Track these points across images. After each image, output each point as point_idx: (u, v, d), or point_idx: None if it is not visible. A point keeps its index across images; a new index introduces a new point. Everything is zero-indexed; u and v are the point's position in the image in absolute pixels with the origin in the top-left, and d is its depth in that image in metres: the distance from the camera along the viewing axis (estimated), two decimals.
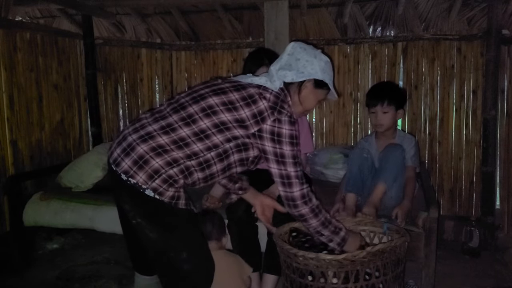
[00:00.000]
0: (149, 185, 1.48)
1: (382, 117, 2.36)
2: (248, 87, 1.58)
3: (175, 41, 3.89)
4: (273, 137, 1.54)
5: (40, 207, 2.74)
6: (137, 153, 1.48)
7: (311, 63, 1.66)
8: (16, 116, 2.92)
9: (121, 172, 1.49)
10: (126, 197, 1.55)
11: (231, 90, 1.56)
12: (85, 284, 2.57)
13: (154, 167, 1.47)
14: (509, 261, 2.80)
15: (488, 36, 3.01)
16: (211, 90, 1.57)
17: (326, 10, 3.44)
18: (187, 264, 1.57)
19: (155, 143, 1.49)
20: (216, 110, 1.51)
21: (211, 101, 1.53)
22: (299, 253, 1.62)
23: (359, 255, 1.57)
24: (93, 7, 3.36)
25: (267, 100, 1.55)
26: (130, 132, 1.55)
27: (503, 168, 3.18)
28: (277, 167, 1.56)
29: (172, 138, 1.49)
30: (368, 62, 3.43)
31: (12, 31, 2.88)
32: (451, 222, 3.22)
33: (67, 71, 3.44)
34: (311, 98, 1.71)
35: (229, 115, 1.51)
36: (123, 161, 1.49)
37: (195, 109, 1.52)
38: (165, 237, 1.55)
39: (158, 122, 1.53)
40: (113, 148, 1.56)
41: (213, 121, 1.51)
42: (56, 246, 3.10)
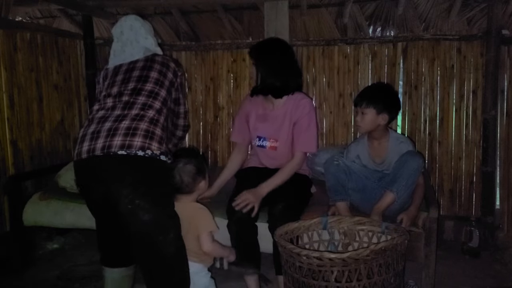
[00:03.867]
0: (162, 149, 1.69)
1: (361, 118, 2.32)
2: (156, 60, 1.93)
3: (175, 41, 3.89)
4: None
5: (40, 207, 2.75)
6: (142, 129, 1.66)
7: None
8: (16, 116, 2.92)
9: (137, 150, 1.61)
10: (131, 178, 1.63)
11: (152, 67, 1.89)
12: (85, 284, 2.57)
13: (159, 134, 1.71)
14: (509, 261, 2.80)
15: (488, 36, 3.02)
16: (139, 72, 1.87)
17: (326, 10, 3.44)
18: (172, 246, 1.67)
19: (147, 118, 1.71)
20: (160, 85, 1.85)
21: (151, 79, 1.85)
22: (303, 252, 1.62)
23: (363, 253, 1.57)
24: (93, 7, 3.36)
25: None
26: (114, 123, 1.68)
27: (503, 168, 3.18)
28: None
29: (154, 112, 1.75)
30: (368, 62, 3.43)
31: (12, 31, 2.88)
32: (451, 222, 3.22)
33: (67, 71, 3.45)
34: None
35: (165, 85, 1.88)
36: (133, 141, 1.62)
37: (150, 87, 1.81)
38: (158, 216, 1.64)
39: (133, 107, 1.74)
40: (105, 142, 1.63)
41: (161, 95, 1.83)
42: (56, 246, 3.10)
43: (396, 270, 1.71)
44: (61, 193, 2.82)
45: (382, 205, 2.19)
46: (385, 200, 2.19)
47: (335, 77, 3.49)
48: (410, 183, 2.21)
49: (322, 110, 3.56)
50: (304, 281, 1.66)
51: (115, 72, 1.90)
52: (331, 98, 3.52)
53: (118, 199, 1.61)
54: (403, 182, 2.18)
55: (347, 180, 2.32)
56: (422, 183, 2.33)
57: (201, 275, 1.89)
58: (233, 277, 1.96)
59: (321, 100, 3.55)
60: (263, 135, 2.41)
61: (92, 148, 1.64)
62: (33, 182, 3.05)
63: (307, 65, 3.51)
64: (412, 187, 2.24)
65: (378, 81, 3.39)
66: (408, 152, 2.28)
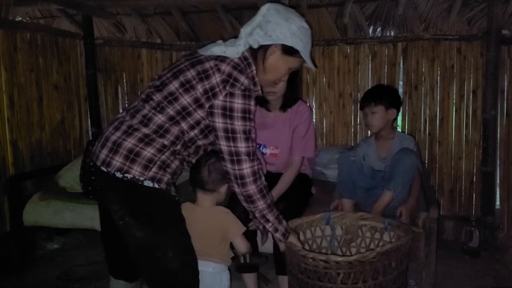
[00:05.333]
0: (146, 175, 1.45)
1: (371, 117, 2.40)
2: (205, 61, 1.50)
3: (175, 41, 3.89)
4: (224, 112, 1.46)
5: (40, 207, 2.75)
6: (125, 148, 1.44)
7: (281, 26, 1.52)
8: (16, 117, 2.92)
9: (115, 171, 1.44)
10: (116, 196, 1.49)
11: (188, 68, 1.51)
12: (85, 284, 2.57)
13: (147, 157, 1.45)
14: (509, 261, 2.80)
15: (488, 36, 3.02)
16: (172, 75, 1.53)
17: (326, 10, 3.44)
18: (173, 262, 1.51)
19: (140, 134, 1.46)
20: (176, 96, 1.48)
21: (171, 87, 1.49)
22: (309, 254, 1.60)
23: (369, 255, 1.56)
24: (94, 7, 3.36)
25: (221, 73, 1.46)
26: (111, 131, 1.51)
27: (503, 168, 3.18)
28: (225, 144, 1.48)
29: (153, 128, 1.47)
30: (368, 63, 3.43)
31: (12, 31, 2.88)
32: (451, 222, 3.22)
33: (67, 71, 3.45)
34: (279, 66, 1.58)
35: (188, 97, 1.47)
36: (113, 160, 1.45)
37: (159, 97, 1.50)
38: (152, 235, 1.49)
39: (135, 116, 1.50)
40: (98, 151, 1.51)
41: (176, 108, 1.47)
42: (56, 246, 3.10)
43: (400, 270, 1.71)
44: (61, 193, 2.83)
45: (381, 204, 2.20)
46: (384, 199, 2.21)
47: (335, 77, 3.49)
48: (407, 180, 2.23)
49: (322, 110, 3.56)
50: (309, 282, 1.65)
51: (171, 64, 1.66)
52: (331, 98, 3.52)
53: (113, 213, 1.51)
54: (399, 179, 2.21)
55: (358, 178, 2.34)
56: (416, 176, 2.35)
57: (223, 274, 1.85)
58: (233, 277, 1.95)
59: (321, 100, 3.55)
60: (263, 143, 2.42)
61: (94, 153, 1.55)
62: (33, 182, 3.05)
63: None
64: (409, 183, 2.26)
65: (378, 81, 3.40)
66: (402, 149, 2.31)
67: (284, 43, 1.53)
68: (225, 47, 1.52)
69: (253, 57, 1.55)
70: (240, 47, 1.52)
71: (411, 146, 2.39)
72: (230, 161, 1.50)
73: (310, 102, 3.57)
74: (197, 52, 1.59)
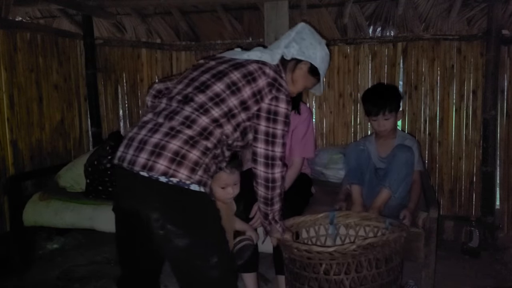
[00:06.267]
0: (193, 179, 1.37)
1: (385, 123, 2.40)
2: (247, 64, 1.53)
3: (175, 41, 3.89)
4: (268, 116, 1.49)
5: (40, 207, 2.74)
6: (170, 150, 1.36)
7: (314, 47, 1.66)
8: (16, 116, 2.92)
9: (159, 175, 1.35)
10: (157, 203, 1.39)
11: (231, 70, 1.51)
12: (85, 284, 2.57)
13: (193, 160, 1.37)
14: (509, 261, 2.80)
15: (488, 36, 3.02)
16: (212, 76, 1.51)
17: (326, 10, 3.44)
18: (215, 270, 1.43)
19: (185, 136, 1.39)
20: (223, 97, 1.46)
21: (216, 88, 1.47)
22: (294, 244, 1.66)
23: (349, 247, 1.60)
24: (93, 7, 3.36)
25: (267, 76, 1.51)
26: (146, 134, 1.42)
27: (503, 168, 3.19)
28: (264, 147, 1.51)
29: (197, 130, 1.41)
30: (368, 63, 3.43)
31: (12, 31, 2.88)
32: (451, 222, 3.22)
33: (67, 71, 3.45)
34: (300, 81, 1.70)
35: (235, 99, 1.47)
36: (156, 163, 1.35)
37: (203, 99, 1.46)
38: (197, 242, 1.40)
39: (174, 118, 1.42)
40: (131, 156, 1.39)
41: (223, 110, 1.45)
42: (56, 246, 3.10)
43: (390, 266, 1.72)
44: (61, 193, 2.83)
45: (378, 201, 2.22)
46: (381, 196, 2.22)
47: (335, 77, 3.49)
48: (402, 176, 2.23)
49: (322, 110, 3.56)
50: (297, 272, 1.72)
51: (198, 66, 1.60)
52: (331, 98, 3.52)
53: (149, 222, 1.38)
54: (394, 176, 2.22)
55: (365, 168, 2.36)
56: (417, 179, 2.37)
57: None
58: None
59: (321, 100, 3.55)
60: None
61: (123, 158, 1.43)
62: (33, 182, 3.05)
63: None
64: (406, 180, 2.26)
65: (378, 81, 3.40)
66: (397, 146, 2.33)
67: (313, 63, 1.68)
68: (260, 53, 1.59)
69: (283, 67, 1.65)
70: (277, 55, 1.61)
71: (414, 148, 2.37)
72: (265, 164, 1.52)
73: (310, 102, 3.57)
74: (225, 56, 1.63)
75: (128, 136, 1.47)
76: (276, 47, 1.66)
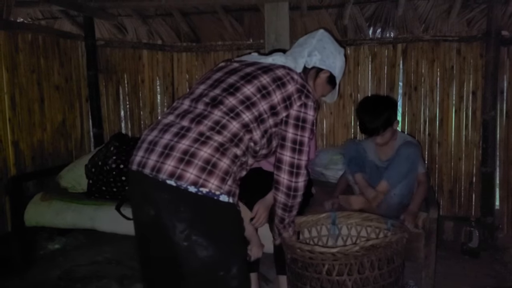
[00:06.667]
0: (223, 189, 1.30)
1: (382, 139, 2.36)
2: (274, 69, 1.48)
3: (176, 42, 3.90)
4: (297, 123, 1.45)
5: (41, 208, 2.75)
6: (201, 158, 1.28)
7: (334, 57, 1.66)
8: (18, 117, 2.93)
9: (188, 185, 1.26)
10: (184, 214, 1.31)
11: (260, 74, 1.45)
12: (86, 284, 2.58)
13: (224, 169, 1.30)
14: (508, 261, 2.81)
15: (488, 37, 3.03)
16: (241, 78, 1.44)
17: (326, 11, 3.45)
18: (234, 280, 1.37)
19: (215, 142, 1.30)
20: (254, 101, 1.39)
21: (247, 91, 1.40)
22: (296, 244, 1.66)
23: (352, 249, 1.60)
24: (95, 8, 3.37)
25: (295, 81, 1.46)
26: (172, 139, 1.32)
27: (502, 169, 3.19)
28: (290, 155, 1.46)
29: (228, 136, 1.33)
30: (368, 64, 3.44)
31: (13, 32, 2.89)
32: (451, 223, 3.23)
33: (69, 72, 3.46)
34: (319, 89, 1.69)
35: (265, 103, 1.40)
36: (186, 172, 1.26)
37: (233, 102, 1.38)
38: (221, 253, 1.34)
39: (202, 123, 1.34)
40: (156, 162, 1.30)
41: (253, 114, 1.38)
42: (58, 246, 3.11)
43: (391, 267, 1.73)
44: (62, 194, 2.84)
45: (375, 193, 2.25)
46: (378, 189, 2.25)
47: None
48: (403, 171, 2.24)
49: (322, 111, 3.57)
50: (299, 272, 1.72)
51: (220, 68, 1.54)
52: None
53: (172, 233, 1.31)
54: (394, 169, 2.24)
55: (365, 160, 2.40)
56: (423, 181, 2.35)
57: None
58: None
59: (321, 101, 3.55)
60: None
61: (144, 163, 1.33)
62: (35, 182, 3.06)
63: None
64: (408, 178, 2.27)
65: (378, 82, 3.41)
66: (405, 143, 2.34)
67: (332, 72, 1.67)
68: (285, 59, 1.56)
69: (304, 74, 1.61)
70: (301, 64, 1.59)
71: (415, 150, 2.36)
72: (289, 172, 1.48)
73: None
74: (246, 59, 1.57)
75: (148, 140, 1.37)
76: (299, 55, 1.62)
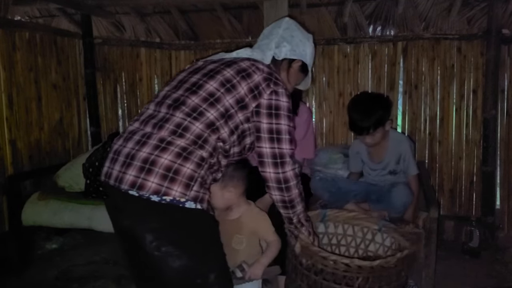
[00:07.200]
0: (188, 195, 1.25)
1: (372, 139, 2.34)
2: (239, 61, 1.44)
3: (174, 40, 3.88)
4: (270, 111, 1.39)
5: (38, 207, 2.74)
6: (161, 165, 1.24)
7: (304, 44, 1.59)
8: (15, 116, 2.91)
9: (150, 194, 1.23)
10: (150, 224, 1.28)
11: (224, 68, 1.41)
12: (83, 284, 2.56)
13: (188, 174, 1.25)
14: (509, 261, 2.80)
15: (488, 36, 3.01)
16: (204, 75, 1.40)
17: (325, 9, 3.43)
18: (215, 287, 1.35)
19: (177, 147, 1.26)
20: (218, 96, 1.35)
21: (209, 87, 1.36)
22: (331, 257, 1.53)
23: (391, 261, 1.54)
24: (92, 6, 3.35)
25: (261, 71, 1.41)
26: (134, 147, 1.29)
27: (503, 168, 3.18)
28: (269, 146, 1.39)
29: (191, 139, 1.28)
30: (368, 62, 3.42)
31: (11, 30, 2.87)
32: (451, 222, 3.21)
33: (66, 70, 3.44)
34: (293, 79, 1.64)
35: (230, 97, 1.35)
36: (147, 181, 1.23)
37: (196, 101, 1.33)
38: (195, 261, 1.31)
39: (164, 127, 1.30)
40: (118, 172, 1.28)
41: (219, 110, 1.33)
42: (55, 246, 3.10)
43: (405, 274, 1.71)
44: (59, 193, 2.82)
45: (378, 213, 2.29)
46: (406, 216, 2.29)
47: (335, 77, 3.48)
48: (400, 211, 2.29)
49: (322, 109, 3.56)
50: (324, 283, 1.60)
51: (187, 68, 1.50)
52: (331, 97, 3.51)
53: (143, 243, 1.28)
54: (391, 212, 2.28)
55: (337, 185, 2.41)
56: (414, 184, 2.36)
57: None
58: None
59: (321, 100, 3.54)
60: None
61: (109, 174, 1.31)
62: (32, 182, 3.04)
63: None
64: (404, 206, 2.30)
65: (378, 80, 3.39)
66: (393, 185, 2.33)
67: (304, 61, 1.62)
68: (251, 51, 1.53)
69: (275, 67, 1.56)
70: (268, 56, 1.54)
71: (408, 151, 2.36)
72: (274, 164, 1.40)
73: (310, 101, 3.56)
74: (212, 58, 1.53)
75: (114, 149, 1.35)
76: (266, 47, 1.56)
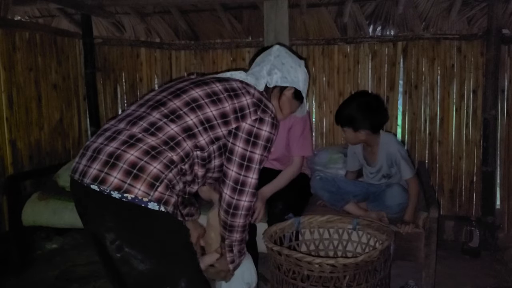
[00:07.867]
0: (151, 195, 1.20)
1: (345, 134, 2.39)
2: (230, 80, 1.44)
3: (174, 40, 3.88)
4: (249, 138, 1.36)
5: (39, 207, 2.74)
6: (126, 161, 1.19)
7: (295, 70, 1.57)
8: (15, 116, 2.91)
9: (111, 190, 1.18)
10: (110, 222, 1.22)
11: (213, 81, 1.41)
12: (84, 284, 2.56)
13: (153, 173, 1.20)
14: (509, 261, 2.79)
15: (488, 36, 3.01)
16: (191, 83, 1.40)
17: (326, 9, 3.44)
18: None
19: (146, 145, 1.22)
20: (201, 103, 1.33)
21: (194, 93, 1.35)
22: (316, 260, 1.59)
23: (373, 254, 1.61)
24: (92, 6, 3.35)
25: (251, 95, 1.40)
26: (103, 142, 1.25)
27: (503, 168, 3.18)
28: (236, 171, 1.37)
29: (162, 139, 1.25)
30: (368, 62, 3.42)
31: (11, 30, 2.87)
32: (451, 222, 3.21)
33: (66, 70, 3.44)
34: (286, 107, 1.60)
35: (214, 109, 1.34)
36: (109, 176, 1.18)
37: (177, 104, 1.32)
38: (161, 266, 1.24)
39: (137, 124, 1.28)
40: (84, 166, 1.24)
41: (199, 117, 1.31)
42: (55, 246, 3.10)
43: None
44: (60, 193, 2.82)
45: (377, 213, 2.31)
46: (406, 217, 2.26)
47: (335, 77, 3.48)
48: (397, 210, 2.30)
49: (322, 109, 3.56)
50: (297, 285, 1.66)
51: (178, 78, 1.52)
52: (331, 97, 3.51)
53: (104, 244, 1.23)
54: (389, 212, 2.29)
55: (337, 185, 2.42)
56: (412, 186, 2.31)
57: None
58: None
59: (321, 100, 3.54)
60: None
61: (76, 168, 1.27)
62: (32, 182, 3.04)
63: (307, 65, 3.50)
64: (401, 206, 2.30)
65: (378, 80, 3.39)
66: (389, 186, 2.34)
67: (296, 87, 1.58)
68: (245, 75, 1.51)
69: (267, 94, 1.54)
70: (262, 84, 1.51)
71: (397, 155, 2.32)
72: (232, 189, 1.38)
73: (310, 101, 3.56)
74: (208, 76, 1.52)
75: (85, 145, 1.32)
76: (259, 74, 1.54)
